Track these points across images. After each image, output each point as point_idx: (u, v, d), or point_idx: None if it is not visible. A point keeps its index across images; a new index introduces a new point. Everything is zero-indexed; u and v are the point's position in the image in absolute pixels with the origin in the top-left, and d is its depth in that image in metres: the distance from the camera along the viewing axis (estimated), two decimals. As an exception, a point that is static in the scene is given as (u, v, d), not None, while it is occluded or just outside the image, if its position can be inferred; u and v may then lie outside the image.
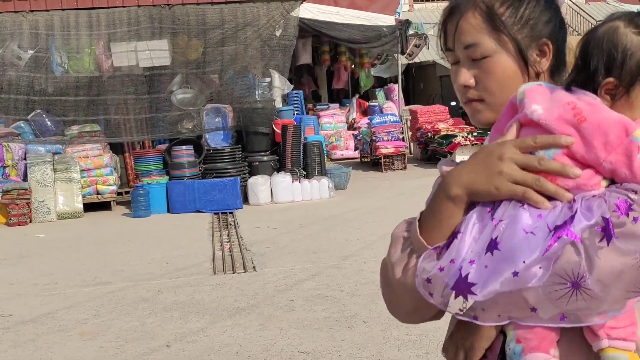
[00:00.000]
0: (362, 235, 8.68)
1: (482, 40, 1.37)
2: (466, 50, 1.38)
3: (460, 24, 1.38)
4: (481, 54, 1.37)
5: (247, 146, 12.74)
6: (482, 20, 1.37)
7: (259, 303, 6.19)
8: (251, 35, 13.26)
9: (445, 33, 1.42)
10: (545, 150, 1.22)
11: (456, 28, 1.39)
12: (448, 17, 1.41)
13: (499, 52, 1.37)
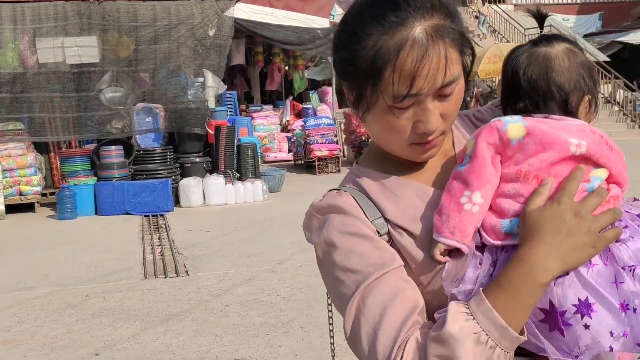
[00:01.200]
0: (297, 238, 8.57)
1: (456, 71, 1.22)
2: (442, 89, 1.21)
3: (437, 64, 1.19)
4: (455, 88, 1.23)
5: (179, 147, 12.47)
6: (455, 48, 1.22)
7: (193, 308, 6.00)
8: (185, 34, 12.98)
9: (417, 77, 1.19)
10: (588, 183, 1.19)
11: (437, 69, 1.19)
12: (421, 60, 1.18)
13: (461, 76, 1.24)
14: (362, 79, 1.23)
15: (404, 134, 1.24)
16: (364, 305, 1.19)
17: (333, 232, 1.26)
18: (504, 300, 1.12)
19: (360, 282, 1.20)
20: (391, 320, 1.16)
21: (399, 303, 1.18)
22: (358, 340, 1.19)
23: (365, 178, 1.35)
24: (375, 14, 1.21)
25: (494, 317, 1.10)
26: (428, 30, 1.19)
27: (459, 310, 1.12)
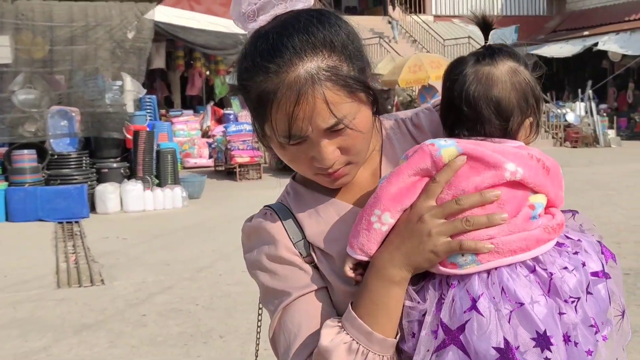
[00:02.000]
0: (217, 246, 8.46)
1: (345, 109, 1.21)
2: (329, 129, 1.21)
3: (315, 107, 1.19)
4: (346, 125, 1.22)
5: (95, 152, 12.12)
6: (341, 89, 1.20)
7: (108, 318, 5.82)
8: (103, 36, 12.65)
9: (294, 121, 1.20)
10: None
11: (312, 112, 1.19)
12: (294, 105, 1.18)
13: (360, 109, 1.24)
14: (254, 116, 1.27)
15: (304, 166, 1.28)
16: (283, 323, 1.30)
17: (260, 255, 1.34)
18: (365, 305, 1.20)
19: (280, 303, 1.30)
20: (302, 342, 1.26)
21: (316, 320, 1.27)
22: (276, 351, 1.33)
23: (294, 196, 1.40)
24: (257, 60, 1.22)
25: (359, 325, 1.19)
26: (304, 74, 1.19)
27: (332, 325, 1.21)
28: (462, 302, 1.12)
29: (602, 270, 1.19)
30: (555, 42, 25.89)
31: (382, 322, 1.19)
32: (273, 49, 1.21)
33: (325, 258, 1.31)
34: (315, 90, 1.18)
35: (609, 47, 23.16)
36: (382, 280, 1.19)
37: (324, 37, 1.21)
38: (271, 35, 1.23)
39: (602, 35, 23.90)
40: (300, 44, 1.20)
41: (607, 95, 25.16)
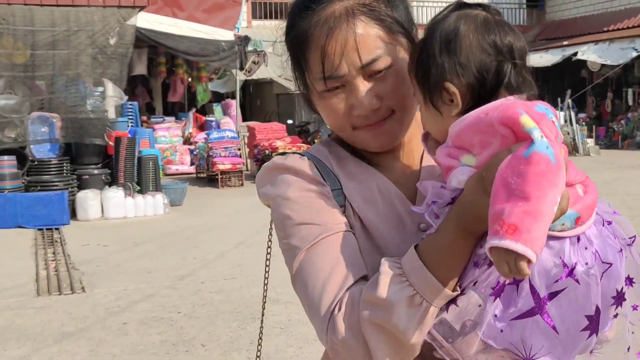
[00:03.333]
0: (199, 254, 8.43)
1: (382, 48, 1.21)
2: (366, 67, 1.20)
3: (348, 41, 1.19)
4: (384, 66, 1.21)
5: (76, 158, 12.02)
6: (375, 26, 1.21)
7: (89, 327, 5.77)
8: (85, 41, 12.57)
9: (327, 57, 1.20)
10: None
11: (346, 46, 1.19)
12: (327, 38, 1.19)
13: (400, 54, 1.23)
14: (297, 71, 1.28)
15: (342, 118, 1.24)
16: (315, 257, 1.19)
17: (290, 187, 1.26)
18: (434, 255, 1.10)
19: (310, 235, 1.20)
20: (339, 276, 1.16)
21: (350, 260, 1.18)
22: (305, 285, 1.19)
23: (332, 153, 1.34)
24: (297, 7, 1.27)
25: (428, 278, 1.09)
26: (339, 9, 1.21)
27: (392, 273, 1.11)
28: (556, 268, 1.04)
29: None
30: (535, 51, 26.10)
31: (449, 275, 1.09)
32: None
33: (358, 219, 1.26)
34: (349, 23, 1.19)
35: (588, 57, 23.41)
36: (463, 232, 1.08)
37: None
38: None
39: (582, 45, 24.14)
40: None
41: (586, 104, 25.41)
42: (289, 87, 21.98)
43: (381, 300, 1.10)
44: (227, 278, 7.20)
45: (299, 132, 20.40)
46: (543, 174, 0.98)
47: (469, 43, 1.11)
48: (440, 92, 1.13)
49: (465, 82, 1.11)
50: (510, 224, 0.97)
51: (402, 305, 1.09)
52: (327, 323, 1.15)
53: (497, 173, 1.01)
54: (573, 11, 28.59)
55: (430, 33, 1.15)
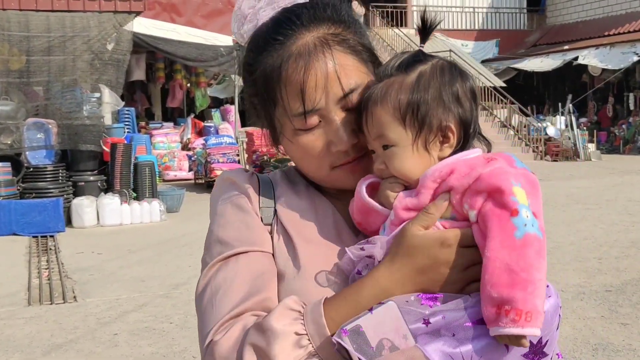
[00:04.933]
0: (194, 262, 8.29)
1: (358, 77, 1.20)
2: (344, 99, 1.18)
3: (328, 73, 1.16)
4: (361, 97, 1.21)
5: (72, 165, 11.92)
6: (350, 55, 1.18)
7: (79, 338, 5.65)
8: (81, 47, 12.49)
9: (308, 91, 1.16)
10: None
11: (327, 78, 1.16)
12: (305, 71, 1.16)
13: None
14: (264, 109, 1.21)
15: (319, 157, 1.18)
16: (215, 277, 1.16)
17: (223, 201, 1.26)
18: (344, 314, 1.07)
19: (221, 252, 1.18)
20: (233, 298, 1.12)
21: (252, 283, 1.13)
22: (198, 311, 1.16)
23: (285, 176, 1.32)
24: (260, 39, 1.19)
25: (321, 325, 1.06)
26: (312, 40, 1.15)
27: (290, 307, 1.08)
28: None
29: None
30: (536, 56, 26.04)
31: (342, 322, 1.07)
32: (277, 25, 1.18)
33: (284, 235, 1.22)
34: (325, 54, 1.14)
35: (589, 62, 23.32)
36: (379, 295, 1.08)
37: (330, 13, 1.19)
38: (274, 18, 1.20)
39: (582, 50, 24.06)
40: (305, 17, 1.17)
41: (587, 109, 25.32)
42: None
43: (269, 327, 1.05)
44: (222, 287, 7.07)
45: (298, 137, 20.31)
46: (538, 253, 1.04)
47: (459, 87, 1.16)
48: (436, 133, 1.14)
49: (458, 124, 1.15)
50: (527, 312, 1.01)
51: (287, 339, 1.05)
52: (206, 347, 1.10)
53: (492, 253, 1.03)
54: (574, 16, 28.51)
55: (418, 76, 1.15)
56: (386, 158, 1.15)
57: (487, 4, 29.39)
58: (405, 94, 1.14)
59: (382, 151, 1.16)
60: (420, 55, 1.17)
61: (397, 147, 1.15)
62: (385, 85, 1.15)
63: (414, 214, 1.11)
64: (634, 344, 4.98)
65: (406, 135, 1.14)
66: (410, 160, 1.14)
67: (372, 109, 1.15)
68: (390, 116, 1.14)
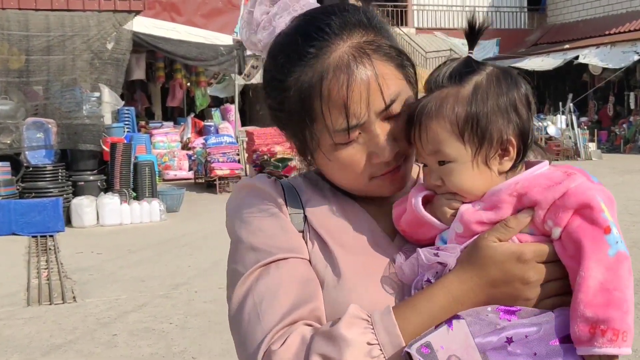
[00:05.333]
0: (194, 262, 8.29)
1: (398, 86, 1.17)
2: (386, 110, 1.14)
3: (370, 85, 1.12)
4: (402, 105, 1.16)
5: (71, 164, 11.89)
6: (388, 63, 1.14)
7: (78, 339, 5.63)
8: (80, 46, 12.46)
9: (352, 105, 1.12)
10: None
11: (369, 90, 1.12)
12: (348, 85, 1.12)
13: (409, 91, 1.19)
14: (297, 123, 1.15)
15: (360, 169, 1.14)
16: (256, 285, 1.10)
17: (248, 207, 1.20)
18: (416, 323, 1.04)
19: (261, 260, 1.12)
20: (279, 306, 1.06)
21: (298, 290, 1.09)
22: (239, 321, 1.09)
23: (308, 181, 1.27)
24: (290, 51, 1.12)
25: (396, 335, 1.03)
26: (349, 51, 1.10)
27: (359, 316, 1.04)
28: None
29: None
30: (537, 55, 26.01)
31: (414, 334, 1.04)
32: (307, 36, 1.11)
33: (319, 241, 1.17)
34: (366, 66, 1.09)
35: (590, 61, 23.28)
36: (452, 310, 1.06)
37: (358, 18, 1.14)
38: (301, 27, 1.13)
39: (583, 49, 24.02)
40: (336, 24, 1.11)
41: (587, 108, 25.29)
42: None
43: (339, 336, 1.01)
44: (222, 287, 7.00)
45: (298, 137, 20.28)
46: (629, 271, 1.03)
47: (516, 96, 1.12)
48: (497, 147, 1.11)
49: (517, 136, 1.11)
50: (624, 332, 1.00)
51: (359, 349, 1.01)
52: (263, 357, 1.04)
53: (587, 272, 1.01)
54: (574, 15, 28.48)
55: (474, 88, 1.10)
56: (443, 174, 1.12)
57: (487, 3, 29.36)
58: (463, 107, 1.09)
59: (437, 167, 1.12)
60: (472, 64, 1.13)
61: (455, 164, 1.11)
62: (439, 98, 1.10)
63: (487, 228, 1.09)
64: (634, 344, 4.95)
65: (465, 151, 1.10)
66: (471, 177, 1.11)
67: (426, 123, 1.11)
68: (448, 132, 1.10)
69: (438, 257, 1.10)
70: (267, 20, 1.17)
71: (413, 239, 1.18)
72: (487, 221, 1.09)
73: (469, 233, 1.10)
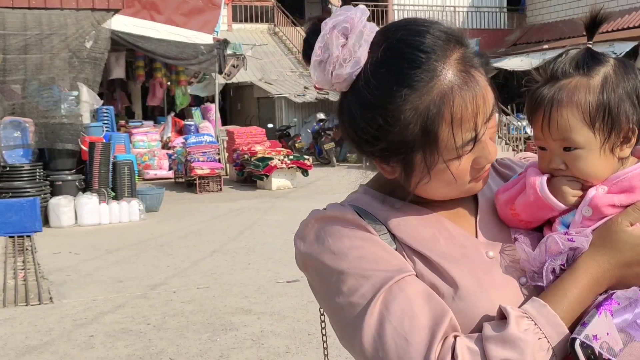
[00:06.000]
0: (173, 261, 8.24)
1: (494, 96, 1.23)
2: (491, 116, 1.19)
3: (485, 93, 1.16)
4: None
5: (49, 164, 11.77)
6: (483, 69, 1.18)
7: (54, 340, 5.57)
8: (58, 45, 12.34)
9: (476, 120, 1.15)
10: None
11: (485, 102, 1.17)
12: (475, 100, 1.14)
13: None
14: (413, 150, 1.13)
15: (466, 176, 1.17)
16: (388, 311, 1.08)
17: (341, 239, 1.16)
18: (567, 309, 1.09)
19: (380, 286, 1.09)
20: (422, 324, 1.06)
21: (430, 305, 1.09)
22: (384, 352, 1.06)
23: (372, 198, 1.26)
24: (398, 79, 1.10)
25: (558, 324, 1.07)
26: (459, 67, 1.11)
27: (519, 315, 1.06)
28: None
29: None
30: (516, 55, 26.15)
31: (570, 322, 1.09)
32: (410, 60, 1.10)
33: (418, 257, 1.17)
34: (477, 76, 1.13)
35: (569, 61, 23.43)
36: (593, 287, 1.12)
37: (440, 31, 1.15)
38: (399, 51, 1.12)
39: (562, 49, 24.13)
40: (430, 44, 1.12)
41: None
42: (270, 91, 21.85)
43: (515, 337, 1.04)
44: (200, 287, 7.02)
45: (279, 136, 20.25)
46: None
47: (639, 85, 1.18)
48: (622, 135, 1.17)
49: (638, 123, 1.17)
50: None
51: (534, 345, 1.05)
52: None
53: None
54: (553, 15, 28.67)
55: (603, 78, 1.17)
56: (569, 160, 1.17)
57: (467, 3, 29.49)
58: (594, 97, 1.15)
59: (562, 152, 1.17)
60: (597, 55, 1.20)
61: (583, 150, 1.16)
62: (570, 87, 1.17)
63: (617, 211, 1.14)
64: None
65: (595, 139, 1.16)
66: (597, 163, 1.16)
67: (557, 111, 1.16)
68: (579, 120, 1.15)
69: (574, 242, 1.14)
70: (347, 53, 1.13)
71: (523, 222, 1.22)
72: (618, 204, 1.15)
73: (597, 216, 1.15)
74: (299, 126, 21.99)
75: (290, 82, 23.12)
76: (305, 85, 22.54)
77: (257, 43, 23.89)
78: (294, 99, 21.51)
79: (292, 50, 25.73)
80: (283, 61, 24.69)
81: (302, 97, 21.59)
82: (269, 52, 24.90)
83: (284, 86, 22.44)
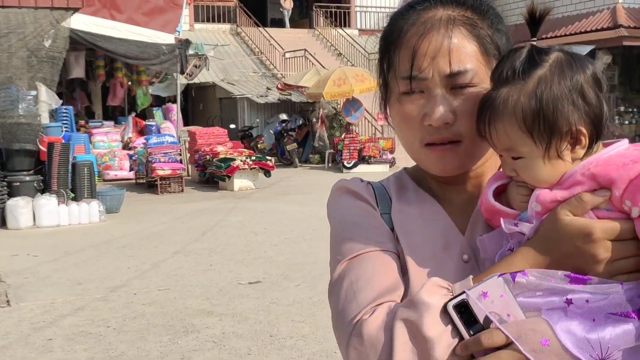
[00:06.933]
0: (134, 263, 8.17)
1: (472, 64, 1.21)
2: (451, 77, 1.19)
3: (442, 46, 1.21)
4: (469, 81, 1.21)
5: (6, 164, 11.55)
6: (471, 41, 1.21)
7: (11, 344, 5.48)
8: (16, 44, 12.12)
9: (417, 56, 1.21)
10: None
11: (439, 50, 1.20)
12: (421, 37, 1.20)
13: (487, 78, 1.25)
14: (380, 66, 1.27)
15: (414, 128, 1.22)
16: (354, 267, 1.21)
17: (345, 208, 1.32)
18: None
19: (360, 249, 1.23)
20: (373, 288, 1.17)
21: (389, 277, 1.19)
22: (336, 294, 1.21)
23: (398, 181, 1.38)
24: (402, 8, 1.27)
25: (468, 282, 1.11)
26: (441, 15, 1.20)
27: (440, 285, 1.11)
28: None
29: None
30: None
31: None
32: (416, 1, 1.25)
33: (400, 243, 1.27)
34: (447, 29, 1.18)
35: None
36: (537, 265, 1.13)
37: (473, 2, 1.23)
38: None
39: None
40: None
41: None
42: (232, 92, 21.76)
43: (420, 301, 1.09)
44: (162, 289, 6.97)
45: (241, 136, 20.18)
46: None
47: (582, 82, 1.12)
48: (567, 139, 1.12)
49: (588, 123, 1.12)
50: None
51: (437, 311, 1.07)
52: (352, 328, 1.15)
53: None
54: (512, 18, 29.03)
55: (537, 82, 1.11)
56: (517, 168, 1.15)
57: (429, 5, 29.76)
58: (528, 104, 1.10)
59: (511, 160, 1.15)
60: (535, 57, 1.13)
61: (527, 159, 1.13)
62: (504, 96, 1.12)
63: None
64: None
65: (536, 147, 1.11)
66: (543, 170, 1.13)
67: (495, 122, 1.13)
68: (517, 130, 1.11)
69: (517, 227, 1.14)
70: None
71: (494, 225, 1.22)
72: (561, 199, 1.11)
73: (545, 211, 1.13)
74: (262, 127, 21.95)
75: (252, 83, 23.06)
76: (268, 86, 22.52)
77: (219, 43, 23.79)
78: (257, 99, 21.46)
79: (255, 50, 25.68)
80: (245, 62, 24.63)
81: (265, 98, 21.56)
82: (231, 53, 24.81)
83: (247, 87, 22.38)
